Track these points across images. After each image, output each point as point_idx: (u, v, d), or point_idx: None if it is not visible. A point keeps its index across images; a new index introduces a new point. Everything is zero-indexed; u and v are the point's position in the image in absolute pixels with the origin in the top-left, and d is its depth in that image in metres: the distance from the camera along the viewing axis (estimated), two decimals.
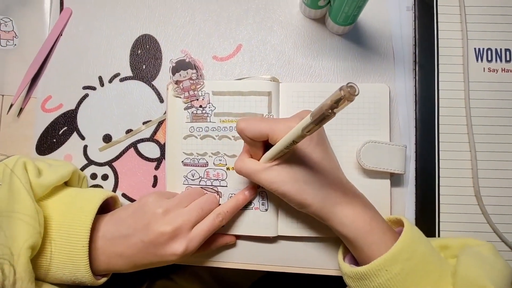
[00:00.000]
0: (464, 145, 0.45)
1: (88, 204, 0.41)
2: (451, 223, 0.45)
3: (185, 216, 0.40)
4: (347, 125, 0.45)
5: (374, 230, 0.37)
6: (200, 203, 0.43)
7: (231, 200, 0.44)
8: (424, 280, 0.35)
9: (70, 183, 0.45)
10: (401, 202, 0.46)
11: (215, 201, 0.44)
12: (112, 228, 0.41)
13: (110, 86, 0.50)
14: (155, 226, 0.39)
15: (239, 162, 0.40)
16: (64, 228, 0.39)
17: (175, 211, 0.41)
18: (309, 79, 0.48)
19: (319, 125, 0.29)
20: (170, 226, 0.39)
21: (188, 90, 0.46)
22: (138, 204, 0.42)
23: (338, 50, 0.49)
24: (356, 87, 0.25)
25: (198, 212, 0.41)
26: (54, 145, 0.50)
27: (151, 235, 0.39)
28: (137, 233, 0.40)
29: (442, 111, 0.46)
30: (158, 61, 0.50)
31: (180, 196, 0.43)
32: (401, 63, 0.48)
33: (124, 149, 0.49)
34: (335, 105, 0.26)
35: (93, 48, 0.51)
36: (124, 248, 0.40)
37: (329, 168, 0.38)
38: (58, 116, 0.50)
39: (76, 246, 0.38)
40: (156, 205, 0.41)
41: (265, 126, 0.36)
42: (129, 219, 0.41)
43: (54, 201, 0.41)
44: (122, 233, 0.40)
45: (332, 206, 0.37)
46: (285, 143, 0.33)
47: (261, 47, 0.49)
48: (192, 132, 0.46)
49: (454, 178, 0.45)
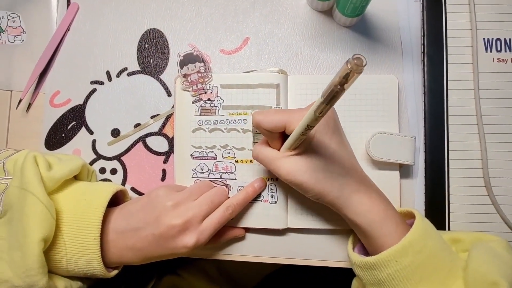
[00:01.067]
0: (473, 135, 0.45)
1: (98, 197, 0.41)
2: (461, 214, 0.44)
3: (196, 209, 0.40)
4: (356, 116, 0.45)
5: (388, 220, 0.37)
6: (210, 195, 0.43)
7: (241, 193, 0.44)
8: (434, 274, 0.34)
9: (79, 177, 0.45)
10: (410, 193, 0.46)
11: (224, 193, 0.44)
12: (122, 222, 0.41)
13: (118, 81, 0.50)
14: (165, 219, 0.39)
15: (258, 148, 0.40)
16: (75, 221, 0.39)
17: (186, 204, 0.41)
18: (316, 72, 0.48)
19: (330, 104, 0.28)
20: (181, 219, 0.39)
21: (196, 84, 0.46)
22: (148, 198, 0.42)
23: (346, 42, 0.48)
24: (363, 58, 0.24)
25: (208, 204, 0.41)
26: (63, 140, 0.50)
27: (162, 228, 0.39)
28: (148, 227, 0.40)
29: (451, 102, 0.45)
30: (166, 55, 0.50)
31: (190, 189, 0.43)
32: (409, 55, 0.47)
33: (133, 143, 0.49)
34: (344, 80, 0.25)
35: (101, 42, 0.51)
36: (135, 241, 0.40)
37: (346, 156, 0.38)
38: (67, 111, 0.50)
39: (87, 239, 0.39)
40: (166, 198, 0.41)
41: (281, 117, 0.36)
42: (139, 213, 0.41)
43: (65, 195, 0.41)
44: (133, 226, 0.41)
45: (349, 194, 0.37)
46: (301, 129, 0.33)
47: (268, 40, 0.49)
48: (201, 125, 0.46)
49: (464, 169, 0.45)
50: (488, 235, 0.38)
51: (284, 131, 0.37)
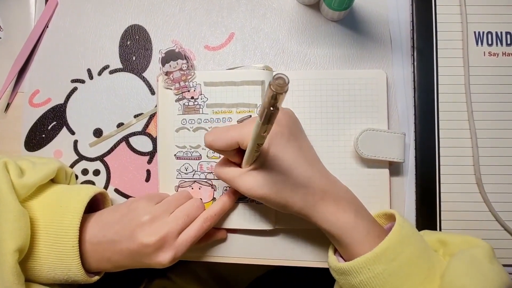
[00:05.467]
0: (464, 132, 0.44)
1: (75, 202, 0.39)
2: (453, 212, 0.44)
3: (171, 224, 0.39)
4: (344, 113, 0.44)
5: (359, 227, 0.36)
6: (186, 209, 0.42)
7: (218, 203, 0.43)
8: (407, 282, 0.34)
9: (56, 180, 0.44)
10: (401, 191, 0.45)
11: (201, 206, 0.43)
12: (98, 233, 0.40)
13: (100, 79, 0.49)
14: (139, 236, 0.38)
15: (217, 168, 0.40)
16: (52, 229, 0.38)
17: (162, 218, 0.40)
18: (304, 67, 0.47)
19: (270, 123, 0.28)
20: (155, 236, 0.38)
21: (178, 81, 0.45)
22: (127, 209, 0.41)
23: (334, 36, 0.47)
24: (284, 77, 0.24)
25: (183, 218, 0.40)
26: (43, 140, 0.49)
27: (136, 246, 0.38)
28: (124, 240, 0.39)
29: (441, 97, 0.44)
30: (148, 52, 0.49)
31: (168, 201, 0.42)
32: (399, 49, 0.46)
33: (116, 144, 0.48)
34: (274, 101, 0.25)
35: (81, 39, 0.49)
36: (111, 253, 0.39)
37: (306, 163, 0.37)
38: (47, 111, 0.49)
39: (66, 247, 0.38)
40: (144, 211, 0.40)
41: (232, 135, 0.36)
42: (116, 225, 0.40)
43: (40, 201, 0.40)
44: (109, 238, 0.39)
45: (314, 203, 0.36)
46: (252, 146, 0.33)
47: (254, 35, 0.48)
48: (184, 124, 0.45)
49: (455, 166, 0.44)
50: (476, 240, 0.37)
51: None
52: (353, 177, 0.44)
